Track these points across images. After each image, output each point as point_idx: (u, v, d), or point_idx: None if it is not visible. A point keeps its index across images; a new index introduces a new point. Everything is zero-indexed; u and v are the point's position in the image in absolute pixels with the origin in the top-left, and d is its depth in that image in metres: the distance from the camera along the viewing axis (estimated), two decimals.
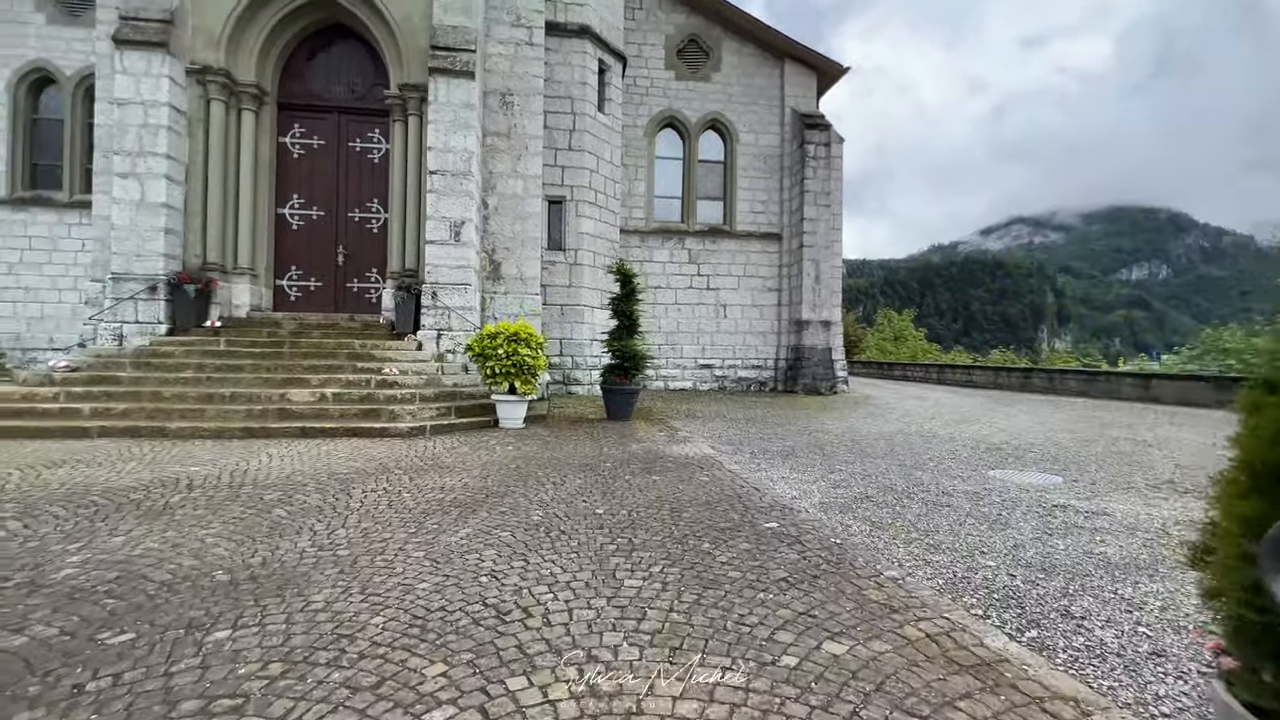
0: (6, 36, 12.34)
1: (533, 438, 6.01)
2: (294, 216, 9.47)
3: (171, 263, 8.26)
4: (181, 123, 8.42)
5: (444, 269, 8.54)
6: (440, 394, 6.77)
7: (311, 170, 9.53)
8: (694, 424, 7.54)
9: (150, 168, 8.08)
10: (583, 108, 11.38)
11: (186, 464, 4.48)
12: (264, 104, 9.18)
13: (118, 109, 8.07)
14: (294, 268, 9.47)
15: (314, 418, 5.92)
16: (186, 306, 8.17)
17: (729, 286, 14.25)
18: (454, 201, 8.60)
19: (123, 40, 8.05)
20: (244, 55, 8.88)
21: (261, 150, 9.18)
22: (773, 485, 4.13)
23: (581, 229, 11.37)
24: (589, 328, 11.43)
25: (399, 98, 9.04)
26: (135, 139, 8.06)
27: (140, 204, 8.06)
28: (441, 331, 8.41)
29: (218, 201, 8.73)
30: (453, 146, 8.61)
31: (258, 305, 9.11)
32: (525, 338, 6.39)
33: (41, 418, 5.60)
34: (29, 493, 3.56)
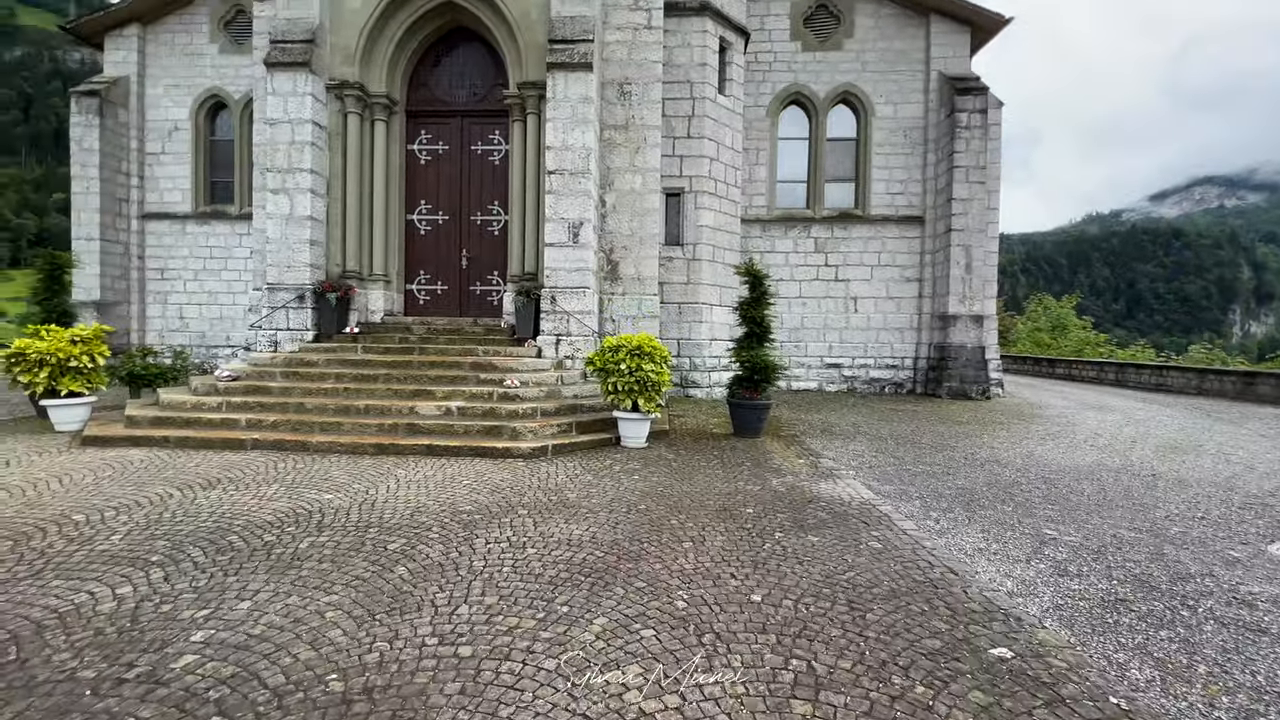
0: (188, 68, 13.92)
1: (658, 462, 5.52)
2: (421, 222, 9.70)
3: (316, 272, 8.74)
4: (323, 138, 8.82)
5: (562, 272, 8.28)
6: (561, 407, 6.48)
7: (437, 175, 9.69)
8: (834, 444, 6.67)
9: (297, 183, 8.55)
10: (702, 91, 10.63)
11: (321, 488, 4.48)
12: (394, 113, 9.42)
13: (269, 128, 8.61)
14: (422, 272, 9.73)
15: (440, 434, 5.85)
16: (329, 314, 8.61)
17: (860, 278, 12.90)
18: (572, 202, 8.29)
19: (272, 63, 8.54)
20: (375, 68, 9.13)
21: (392, 159, 9.46)
22: (970, 564, 3.27)
23: (700, 222, 10.69)
24: (707, 327, 10.78)
25: (518, 97, 8.86)
26: (285, 156, 8.56)
27: (289, 218, 8.57)
28: (560, 337, 8.18)
29: (354, 211, 9.11)
30: (571, 144, 8.28)
31: (390, 310, 9.46)
32: (649, 352, 5.89)
33: (206, 428, 6.01)
34: (179, 525, 3.61)
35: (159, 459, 5.31)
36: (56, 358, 6.26)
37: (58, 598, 2.64)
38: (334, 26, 8.92)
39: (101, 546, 3.24)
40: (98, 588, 2.74)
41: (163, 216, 14.07)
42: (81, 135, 13.27)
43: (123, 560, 3.06)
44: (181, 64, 13.91)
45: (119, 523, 3.63)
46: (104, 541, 3.32)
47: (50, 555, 3.12)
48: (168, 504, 4.03)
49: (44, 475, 4.72)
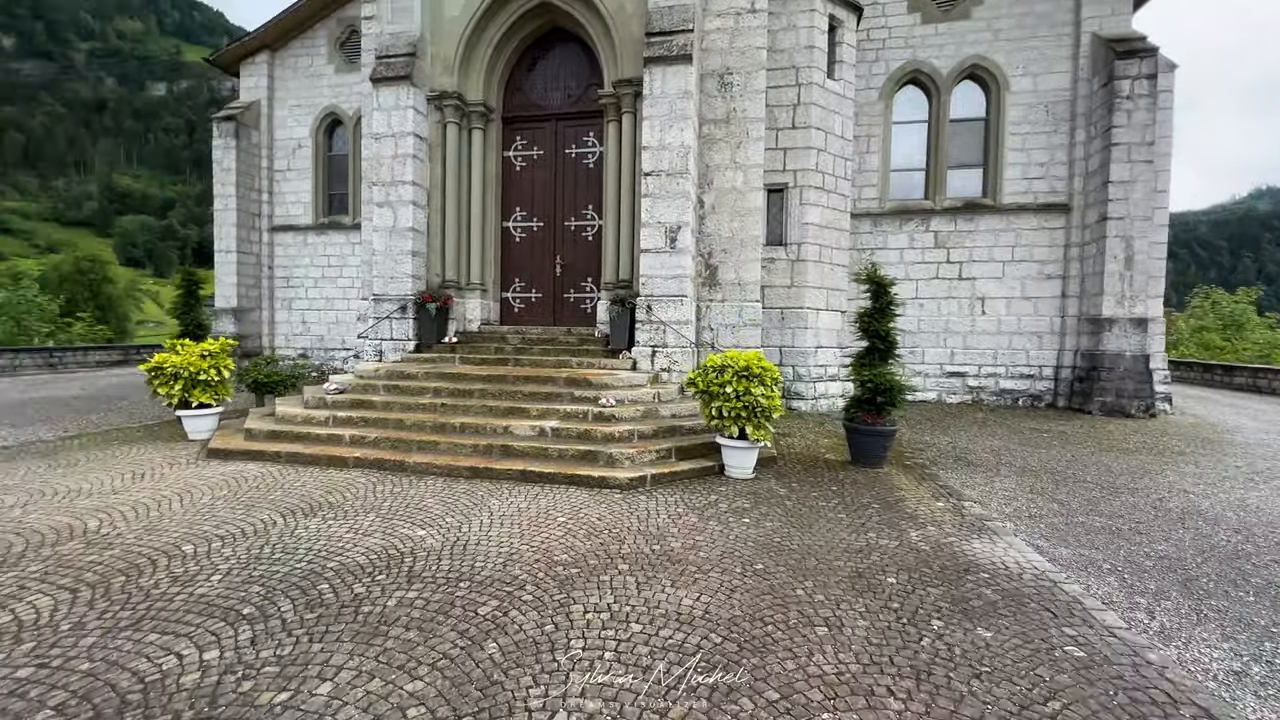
0: (309, 89, 14.87)
1: (769, 499, 4.90)
2: (517, 229, 9.60)
3: (417, 283, 8.86)
4: (423, 149, 8.91)
5: (659, 279, 7.82)
6: (659, 429, 6.02)
7: (532, 181, 9.54)
8: (974, 480, 5.72)
9: (400, 195, 8.69)
10: (809, 76, 9.74)
11: (415, 520, 4.29)
12: (490, 120, 9.36)
13: (375, 143, 8.81)
14: (517, 280, 9.64)
15: (534, 457, 5.58)
16: (429, 324, 8.71)
17: (989, 275, 11.42)
18: (670, 204, 7.79)
19: (376, 79, 8.71)
20: (473, 76, 9.10)
21: (489, 166, 9.42)
22: (1233, 704, 2.42)
23: (806, 219, 9.82)
24: (813, 333, 9.91)
25: (613, 95, 8.48)
26: (388, 170, 8.72)
27: (393, 230, 8.73)
28: (656, 349, 7.73)
29: (453, 221, 9.15)
30: (668, 143, 7.78)
31: (486, 319, 9.45)
32: (759, 373, 5.26)
33: (313, 443, 6.13)
34: (276, 565, 3.51)
35: (270, 476, 5.42)
36: (189, 372, 6.66)
37: (148, 660, 2.51)
38: (434, 37, 8.97)
39: (201, 589, 3.16)
40: (187, 649, 2.60)
41: (288, 228, 15.19)
42: (221, 156, 14.58)
43: (217, 611, 2.94)
44: (303, 85, 14.90)
45: (222, 558, 3.58)
46: (205, 582, 3.25)
47: (154, 597, 3.07)
48: (269, 534, 3.99)
49: (169, 492, 4.91)
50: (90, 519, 4.25)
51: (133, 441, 6.94)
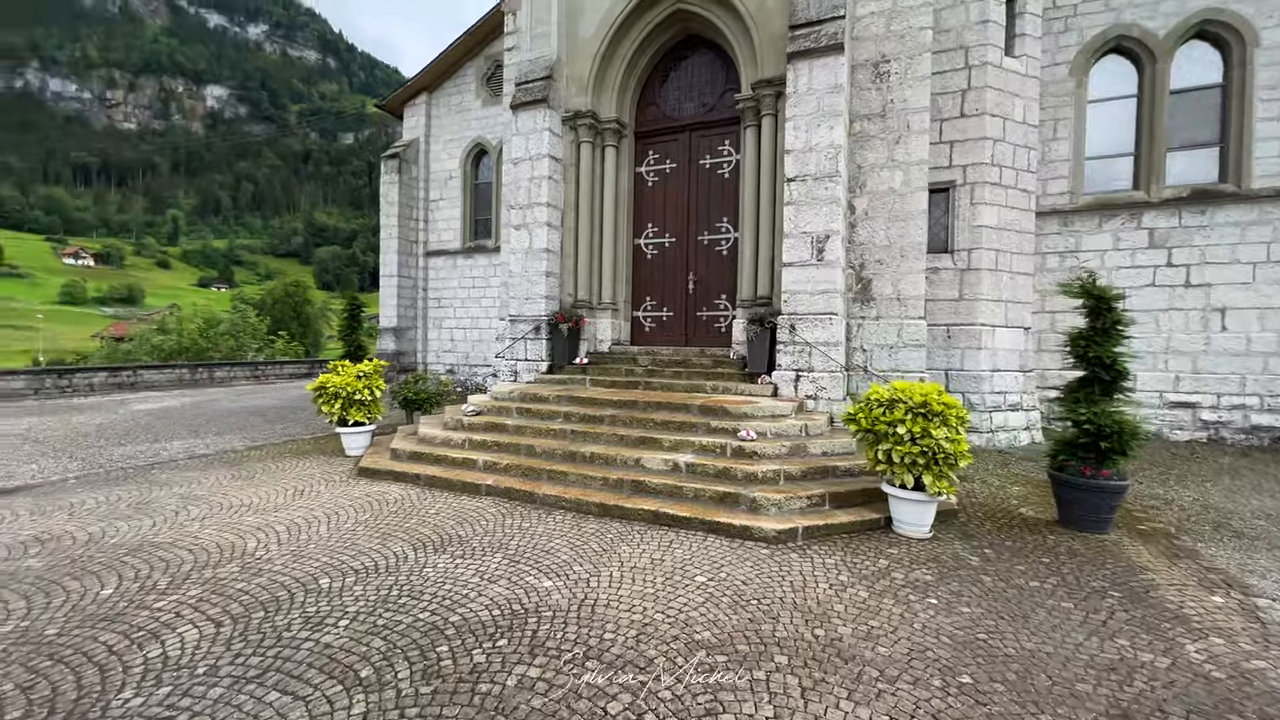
0: (459, 123, 16.03)
1: (958, 572, 3.92)
2: (648, 246, 9.29)
3: (551, 304, 8.85)
4: (558, 170, 8.93)
5: (803, 296, 7.01)
6: (809, 470, 5.22)
7: (664, 196, 9.19)
8: (1256, 558, 4.21)
9: (535, 217, 8.76)
10: (982, 56, 8.38)
11: (541, 567, 3.95)
12: (623, 136, 9.18)
13: (513, 167, 8.99)
14: (648, 298, 9.31)
15: (667, 496, 5.06)
16: (561, 345, 8.64)
17: (1231, 280, 9.03)
18: (816, 212, 6.97)
19: (515, 104, 8.90)
20: (606, 93, 8.98)
21: (621, 183, 9.23)
22: None
23: (979, 220, 8.42)
24: (988, 354, 8.42)
25: (752, 99, 7.86)
26: (525, 193, 8.85)
27: (528, 251, 8.82)
28: (801, 373, 6.91)
29: (586, 240, 9.06)
30: (815, 144, 6.98)
31: (618, 339, 9.21)
32: (940, 411, 4.29)
33: (450, 467, 6.15)
34: (401, 614, 3.32)
35: (408, 500, 5.47)
36: (346, 391, 7.09)
37: None
38: (569, 59, 9.00)
39: (328, 637, 3.02)
40: (300, 717, 2.38)
41: (440, 253, 16.41)
42: (386, 190, 16.17)
43: (335, 668, 2.74)
44: (454, 121, 16.09)
45: (352, 597, 3.47)
46: (332, 628, 3.11)
47: (284, 642, 2.97)
48: (399, 571, 3.86)
49: (320, 512, 5.09)
50: (250, 538, 4.44)
51: (302, 454, 7.54)
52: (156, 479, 6.22)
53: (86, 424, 9.87)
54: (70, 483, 6.07)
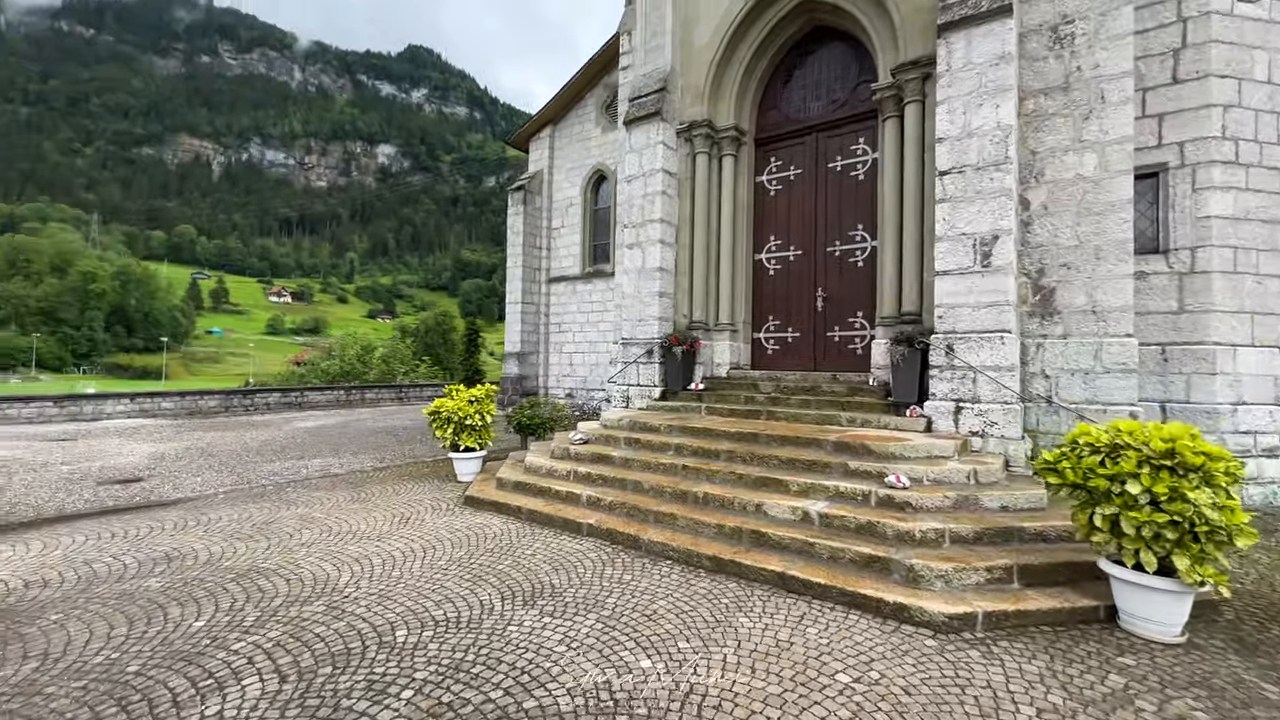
0: (580, 152, 16.37)
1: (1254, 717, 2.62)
2: (771, 261, 8.45)
3: (664, 325, 8.31)
4: (672, 185, 8.45)
5: (964, 310, 5.77)
6: (983, 530, 4.05)
7: (788, 205, 8.34)
8: None
9: (648, 235, 8.32)
10: (1203, 3, 6.63)
11: (639, 640, 3.28)
12: (741, 144, 8.51)
13: (627, 185, 8.66)
14: (771, 318, 8.43)
15: (796, 553, 4.17)
16: (675, 369, 8.03)
17: None
18: (979, 208, 5.75)
19: (629, 120, 8.60)
20: (723, 100, 8.40)
21: (740, 195, 8.53)
22: None
23: (1206, 210, 6.57)
24: (1227, 383, 6.46)
25: (891, 86, 6.84)
26: (638, 210, 8.46)
27: (641, 271, 8.38)
28: (962, 404, 5.65)
29: (701, 258, 8.45)
30: (976, 127, 5.80)
31: (736, 363, 8.42)
32: (1199, 464, 3.01)
33: (553, 500, 5.73)
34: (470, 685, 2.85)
35: (507, 537, 5.09)
36: (458, 416, 7.03)
37: None
38: (683, 69, 8.57)
39: (385, 715, 2.56)
40: None
41: (561, 279, 16.74)
42: (512, 221, 16.89)
43: None
44: (576, 150, 16.46)
45: (424, 659, 3.04)
46: (393, 700, 2.67)
47: (343, 709, 2.57)
48: (481, 627, 3.39)
49: (418, 545, 4.86)
50: (346, 571, 4.27)
51: (419, 478, 7.60)
52: (287, 497, 6.48)
53: (254, 440, 10.99)
54: (219, 498, 6.51)
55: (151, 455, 9.16)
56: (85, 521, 5.48)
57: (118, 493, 6.72)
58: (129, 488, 7.01)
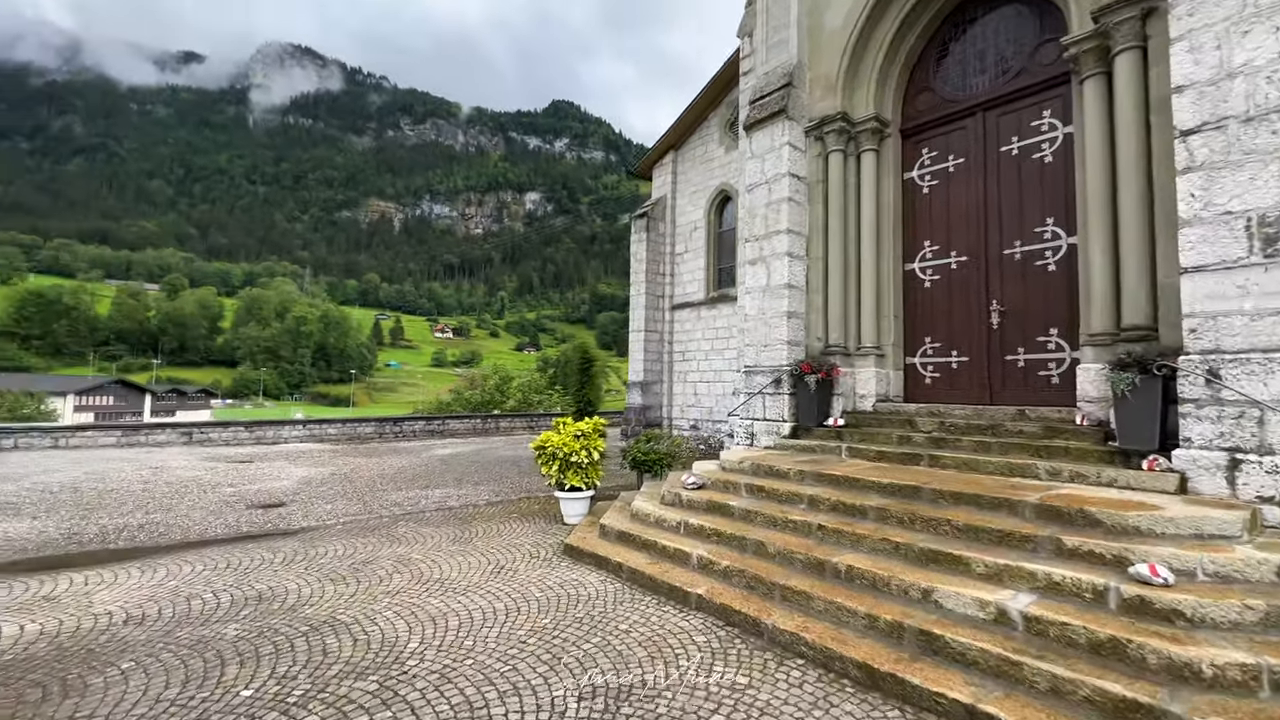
0: (703, 174, 15.78)
1: None
2: (926, 271, 7.01)
3: (794, 350, 7.19)
4: (801, 190, 7.40)
5: (1234, 320, 4.04)
6: None
7: (946, 203, 6.89)
8: None
9: (773, 248, 7.32)
10: None
11: None
12: (884, 137, 7.25)
13: (748, 195, 7.78)
14: (928, 339, 6.95)
15: (990, 674, 2.88)
16: (808, 401, 6.85)
17: None
18: (1252, 176, 4.04)
19: (749, 124, 7.75)
20: (861, 88, 7.24)
21: (884, 196, 7.24)
22: None
23: None
24: None
25: (1093, 35, 5.28)
26: (762, 221, 7.51)
27: (766, 289, 7.38)
28: (1242, 455, 3.89)
29: (837, 271, 7.25)
30: (1242, 64, 4.13)
31: (885, 394, 7.02)
32: None
33: (658, 558, 4.87)
34: None
35: (602, 601, 4.32)
36: (563, 452, 6.49)
37: None
38: (812, 60, 7.56)
39: None
40: None
41: (684, 306, 16.10)
42: (635, 249, 16.67)
43: None
44: (699, 172, 15.91)
45: None
46: None
47: None
48: None
49: (502, 603, 4.25)
50: (417, 633, 3.76)
51: (527, 516, 7.17)
52: (395, 533, 6.33)
53: (392, 467, 11.51)
54: (336, 529, 6.54)
55: (301, 480, 9.83)
56: (214, 549, 5.67)
57: (258, 518, 7.06)
58: (269, 512, 7.37)
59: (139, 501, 7.71)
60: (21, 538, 5.91)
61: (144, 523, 6.63)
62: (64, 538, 5.97)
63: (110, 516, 6.86)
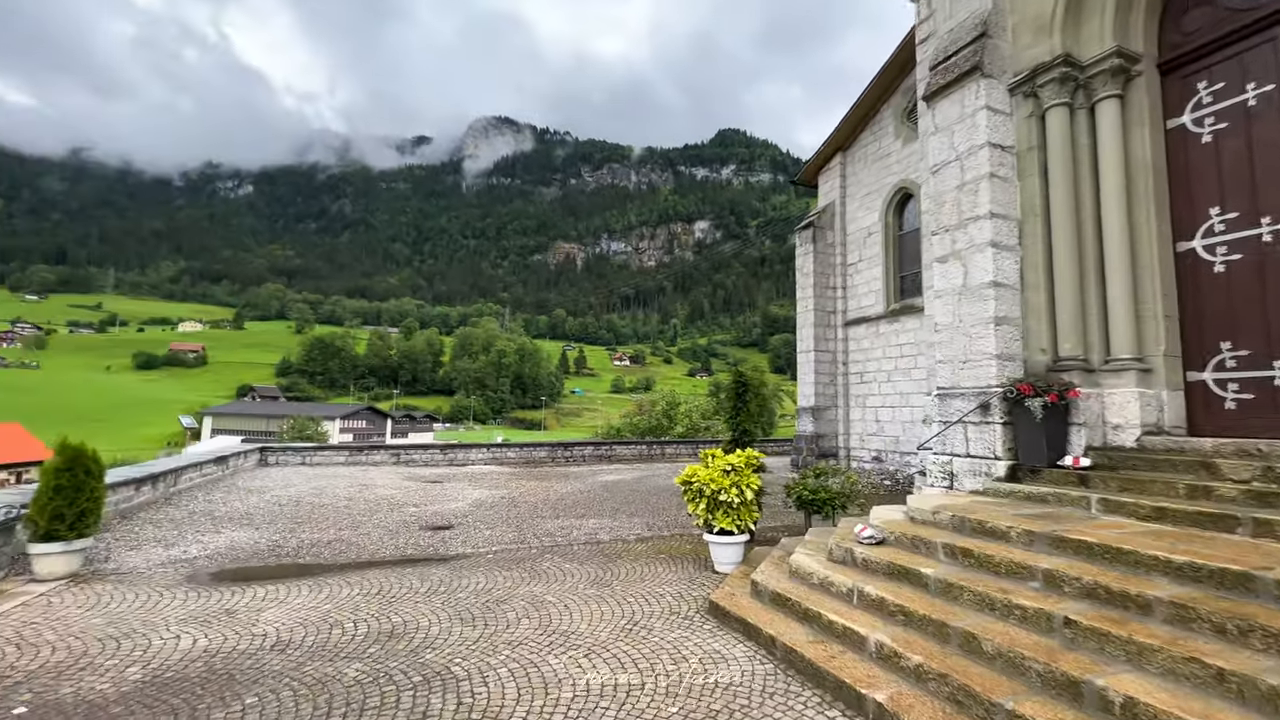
0: (877, 173, 14.04)
1: None
2: (1216, 250, 4.99)
3: (1007, 366, 5.58)
4: (1006, 163, 5.83)
5: None
6: None
7: (1245, 153, 4.86)
8: None
9: (970, 238, 5.83)
10: None
11: None
12: (1131, 78, 5.41)
13: (933, 178, 6.37)
14: (1226, 346, 4.89)
15: None
16: (1032, 433, 5.20)
17: None
18: None
19: (931, 94, 6.38)
20: (1090, 19, 5.52)
21: (1135, 153, 5.37)
22: None
23: None
24: None
25: None
26: (952, 208, 6.06)
27: (962, 291, 5.89)
28: None
29: (1067, 261, 5.50)
30: None
31: (1155, 423, 5.07)
32: None
33: (821, 634, 3.80)
34: None
35: (748, 689, 3.41)
36: (709, 490, 5.70)
37: None
38: (1013, 3, 6.01)
39: None
40: None
41: (860, 321, 14.34)
42: (801, 263, 15.36)
43: None
44: (871, 172, 14.21)
45: None
46: None
47: None
48: None
49: (627, 676, 3.57)
50: (524, 701, 3.24)
51: (675, 557, 6.48)
52: (538, 567, 6.06)
53: (555, 492, 11.68)
54: (486, 558, 6.50)
55: (474, 502, 10.34)
56: (376, 571, 5.89)
57: (424, 540, 7.37)
58: (436, 535, 7.68)
59: (337, 518, 8.60)
60: (241, 547, 6.80)
61: (333, 539, 7.28)
62: (269, 549, 6.73)
63: (310, 531, 7.68)
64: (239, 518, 8.43)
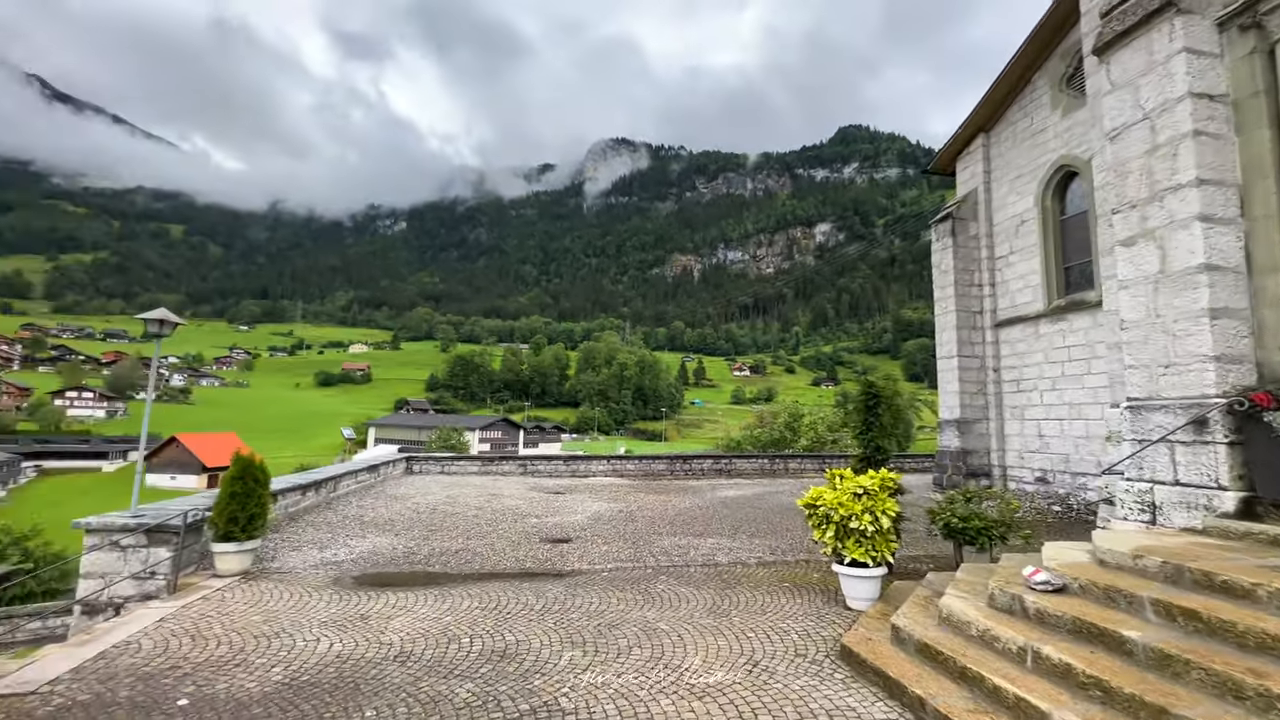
0: (1029, 152, 12.28)
1: None
2: None
3: (1229, 371, 4.41)
4: (1218, 114, 4.66)
5: None
6: None
7: None
8: None
9: (1170, 212, 4.72)
10: None
11: None
12: None
13: (1110, 145, 5.29)
14: None
15: None
16: (1269, 453, 4.03)
17: None
18: None
19: (1103, 45, 5.31)
20: None
21: None
22: None
23: None
24: None
25: None
26: (1140, 178, 4.97)
27: (1159, 278, 4.78)
28: None
29: None
30: None
31: None
32: None
33: (988, 704, 3.11)
34: None
35: None
36: (838, 515, 5.10)
37: None
38: None
39: None
40: None
41: (1013, 321, 12.57)
42: (939, 259, 13.84)
43: None
44: (1022, 153, 12.47)
45: None
46: None
47: None
48: None
49: None
50: None
51: (800, 588, 5.92)
52: (652, 589, 5.81)
53: (674, 507, 11.43)
54: (601, 576, 6.38)
55: (592, 515, 10.39)
56: (497, 584, 6.00)
57: (543, 554, 7.45)
58: (555, 548, 7.75)
59: (467, 527, 9.03)
60: (381, 552, 7.31)
61: (461, 549, 7.60)
62: (404, 555, 7.16)
63: (441, 539, 8.10)
64: (383, 523, 9.15)
